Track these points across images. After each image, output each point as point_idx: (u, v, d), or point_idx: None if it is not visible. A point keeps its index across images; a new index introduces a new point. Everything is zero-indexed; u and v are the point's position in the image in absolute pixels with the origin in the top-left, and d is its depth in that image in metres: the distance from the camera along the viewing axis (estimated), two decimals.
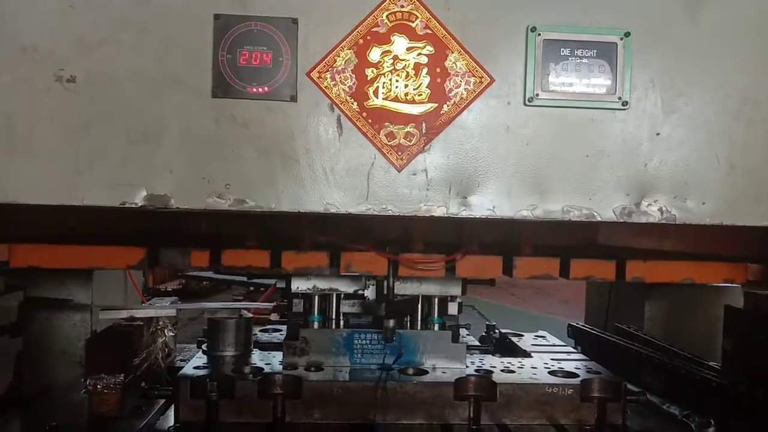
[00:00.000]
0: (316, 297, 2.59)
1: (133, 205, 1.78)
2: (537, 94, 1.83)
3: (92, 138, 1.77)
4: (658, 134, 1.88)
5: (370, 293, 2.59)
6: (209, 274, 10.66)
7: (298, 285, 2.56)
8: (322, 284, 2.57)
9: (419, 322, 2.63)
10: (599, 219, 1.87)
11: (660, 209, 1.88)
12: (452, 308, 2.64)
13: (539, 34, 1.82)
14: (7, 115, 1.75)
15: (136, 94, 1.77)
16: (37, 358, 2.75)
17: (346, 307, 2.67)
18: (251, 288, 9.29)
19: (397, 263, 2.36)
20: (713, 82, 1.88)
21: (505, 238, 2.41)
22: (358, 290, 2.60)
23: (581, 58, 1.83)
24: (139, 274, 3.76)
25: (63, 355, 2.89)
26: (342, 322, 2.63)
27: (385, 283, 2.42)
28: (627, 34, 1.84)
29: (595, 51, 1.84)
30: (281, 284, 2.63)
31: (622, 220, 1.88)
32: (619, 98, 1.85)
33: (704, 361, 2.65)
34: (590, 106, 1.85)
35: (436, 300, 2.61)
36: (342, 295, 2.63)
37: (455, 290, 2.59)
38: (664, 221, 1.88)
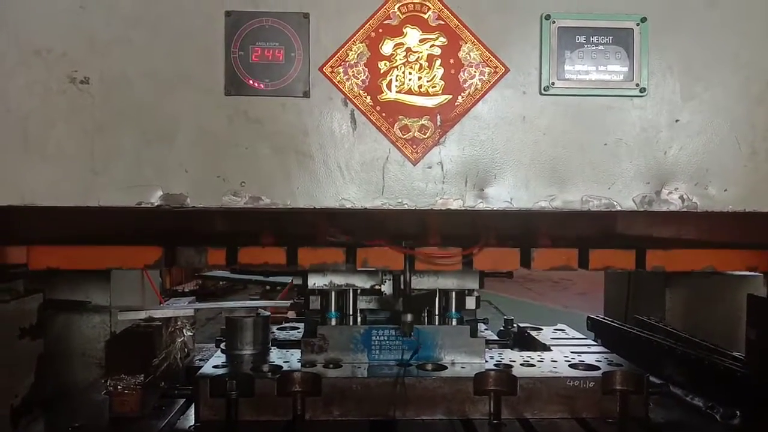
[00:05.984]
0: (333, 293, 2.59)
1: (149, 205, 1.78)
2: (553, 83, 1.80)
3: (107, 139, 1.77)
4: (677, 121, 1.84)
5: (387, 288, 2.57)
6: (226, 273, 10.75)
7: (315, 281, 2.56)
8: (339, 280, 2.57)
9: (437, 317, 2.61)
10: (619, 208, 1.84)
11: (681, 197, 1.85)
12: (470, 302, 2.62)
13: (554, 22, 1.79)
14: (22, 118, 1.75)
15: (149, 93, 1.77)
16: (58, 359, 2.77)
17: (363, 303, 2.66)
18: (267, 287, 9.33)
19: (413, 258, 2.34)
20: (733, 65, 1.83)
21: (523, 230, 2.38)
22: (374, 285, 2.58)
23: (597, 45, 1.80)
24: (156, 275, 3.78)
25: (83, 357, 2.92)
26: (359, 319, 2.62)
27: (402, 278, 2.40)
28: (643, 20, 1.81)
29: (611, 37, 1.80)
30: (298, 281, 2.63)
31: (642, 210, 1.84)
32: (637, 85, 1.82)
33: (728, 351, 2.61)
34: (607, 93, 1.82)
35: (454, 294, 2.59)
36: (359, 291, 2.62)
37: (473, 284, 2.57)
38: (685, 209, 1.84)
